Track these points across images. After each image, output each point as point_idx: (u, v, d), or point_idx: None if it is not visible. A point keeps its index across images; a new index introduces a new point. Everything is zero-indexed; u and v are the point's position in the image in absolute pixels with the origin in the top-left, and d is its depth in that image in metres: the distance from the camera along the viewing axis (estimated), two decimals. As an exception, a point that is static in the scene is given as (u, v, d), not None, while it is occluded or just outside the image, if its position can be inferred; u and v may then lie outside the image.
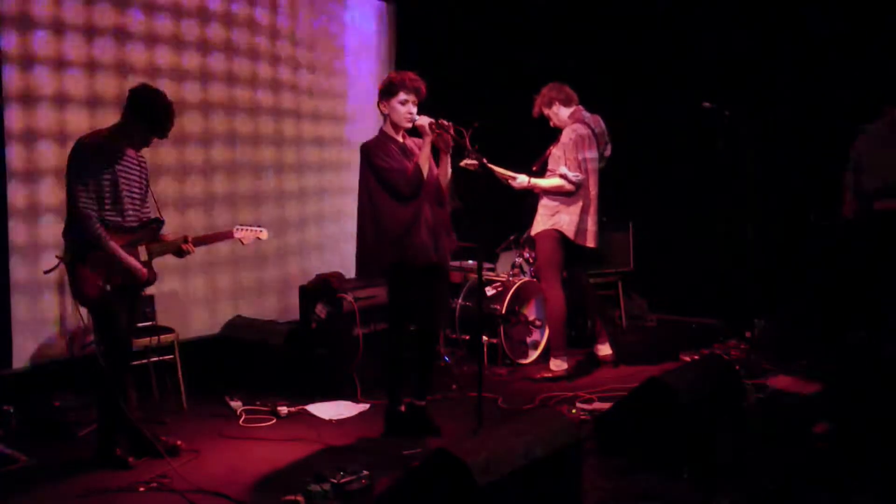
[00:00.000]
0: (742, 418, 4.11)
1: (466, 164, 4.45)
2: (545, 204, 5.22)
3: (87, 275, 3.61)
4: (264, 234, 4.24)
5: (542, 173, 5.27)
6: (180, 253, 3.93)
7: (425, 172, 3.93)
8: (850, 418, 4.13)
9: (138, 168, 3.83)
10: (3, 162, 4.44)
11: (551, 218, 5.17)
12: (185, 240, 3.92)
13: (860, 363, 5.04)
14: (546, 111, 5.30)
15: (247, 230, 4.20)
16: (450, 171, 4.03)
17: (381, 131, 4.08)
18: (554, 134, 5.31)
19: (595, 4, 7.00)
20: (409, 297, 4.05)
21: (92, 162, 3.60)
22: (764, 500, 3.30)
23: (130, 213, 3.76)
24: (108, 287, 3.64)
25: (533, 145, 5.50)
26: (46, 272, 3.77)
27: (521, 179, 5.17)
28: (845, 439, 3.87)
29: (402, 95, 3.97)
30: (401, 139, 4.07)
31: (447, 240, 4.13)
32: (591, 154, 5.18)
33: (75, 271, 3.62)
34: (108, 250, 3.61)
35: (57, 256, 3.68)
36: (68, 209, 3.62)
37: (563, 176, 5.09)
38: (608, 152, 5.37)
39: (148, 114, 3.66)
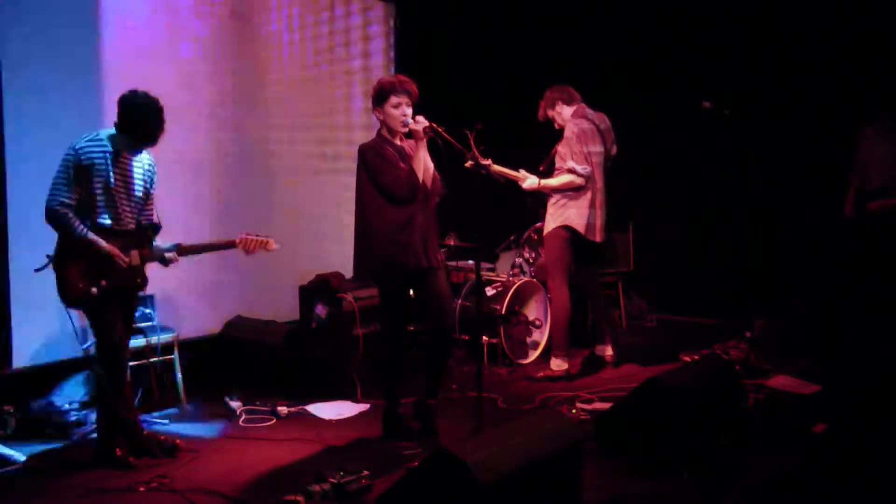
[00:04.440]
0: (742, 418, 4.11)
1: (469, 165, 4.45)
2: (553, 202, 5.23)
3: (70, 277, 3.61)
4: (272, 245, 3.98)
5: (549, 173, 5.27)
6: (164, 261, 3.88)
7: (420, 176, 3.93)
8: (850, 418, 4.13)
9: (140, 171, 3.81)
10: (2, 160, 4.44)
11: (562, 215, 5.16)
12: (173, 248, 3.87)
13: (860, 363, 5.04)
14: (550, 112, 5.31)
15: (252, 239, 3.94)
16: (431, 164, 4.03)
17: (379, 134, 4.08)
18: (558, 134, 5.31)
19: (595, 4, 7.00)
20: (399, 300, 4.05)
21: (84, 164, 3.59)
22: (764, 500, 3.30)
23: (127, 216, 3.75)
24: (94, 290, 3.63)
25: (538, 145, 5.51)
26: (37, 270, 3.74)
27: (531, 181, 5.18)
28: (845, 439, 3.87)
29: (394, 99, 3.96)
30: (398, 142, 4.06)
31: (437, 241, 4.13)
32: (596, 148, 5.18)
33: (59, 273, 3.62)
34: (85, 241, 3.60)
35: (47, 256, 3.67)
36: (46, 207, 3.58)
37: (571, 170, 5.09)
38: (614, 151, 5.37)
39: (134, 120, 3.64)
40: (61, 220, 3.57)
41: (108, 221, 3.69)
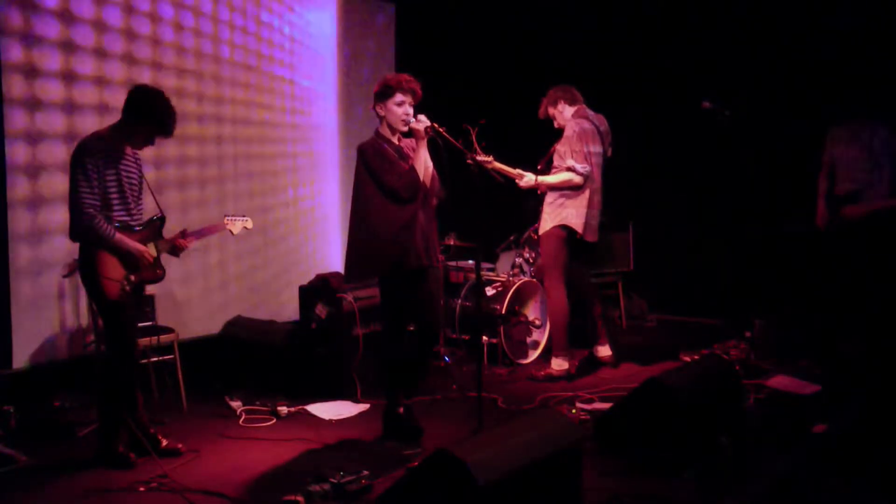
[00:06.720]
0: (742, 418, 4.11)
1: (470, 161, 4.44)
2: (550, 201, 5.22)
3: (111, 276, 3.62)
4: (250, 223, 4.42)
5: (546, 172, 5.27)
6: (174, 250, 3.94)
7: (421, 175, 3.92)
8: (850, 418, 4.13)
9: (135, 165, 3.84)
10: (3, 160, 4.44)
11: (559, 214, 5.16)
12: (179, 236, 3.95)
13: (858, 364, 5.04)
14: (551, 111, 5.32)
15: (235, 220, 4.36)
16: (430, 164, 4.03)
17: (377, 133, 4.06)
18: (556, 133, 5.31)
19: (595, 4, 7.00)
20: (401, 300, 4.04)
21: (98, 163, 3.60)
22: (764, 501, 3.30)
23: (136, 211, 3.80)
24: (127, 287, 3.65)
25: (535, 145, 5.50)
26: (65, 276, 3.77)
27: (529, 178, 5.18)
28: (845, 439, 3.87)
29: (398, 97, 3.95)
30: (396, 141, 4.05)
31: (437, 240, 4.14)
32: (596, 148, 5.19)
33: (93, 274, 3.62)
34: (115, 243, 3.62)
35: (74, 260, 3.67)
36: (70, 211, 3.60)
37: (570, 168, 5.09)
38: (609, 153, 5.37)
39: (151, 114, 3.66)
40: (93, 224, 3.57)
41: (125, 217, 3.72)
